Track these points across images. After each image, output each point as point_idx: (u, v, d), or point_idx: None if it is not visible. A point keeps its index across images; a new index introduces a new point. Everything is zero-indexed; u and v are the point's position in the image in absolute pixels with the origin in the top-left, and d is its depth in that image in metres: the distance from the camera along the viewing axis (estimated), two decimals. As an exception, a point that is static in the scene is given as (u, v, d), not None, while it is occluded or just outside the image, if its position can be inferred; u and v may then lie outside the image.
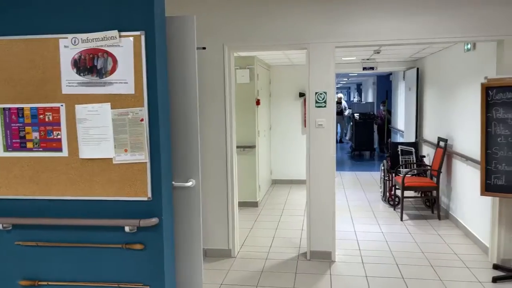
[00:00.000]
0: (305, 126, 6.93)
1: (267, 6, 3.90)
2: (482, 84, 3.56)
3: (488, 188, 3.60)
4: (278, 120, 7.62)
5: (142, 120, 2.12)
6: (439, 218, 5.34)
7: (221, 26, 3.96)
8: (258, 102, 6.13)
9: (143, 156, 2.14)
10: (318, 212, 4.02)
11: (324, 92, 3.95)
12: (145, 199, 2.17)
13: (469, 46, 4.61)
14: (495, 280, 3.48)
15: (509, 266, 3.69)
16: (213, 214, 4.15)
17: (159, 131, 2.14)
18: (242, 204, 5.98)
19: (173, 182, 2.37)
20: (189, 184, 2.38)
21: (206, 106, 4.03)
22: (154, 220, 2.14)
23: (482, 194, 3.64)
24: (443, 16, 3.64)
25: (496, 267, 3.73)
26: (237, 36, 3.96)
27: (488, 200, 3.91)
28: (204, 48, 3.93)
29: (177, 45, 2.35)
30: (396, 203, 5.82)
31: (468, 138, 4.63)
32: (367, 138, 11.14)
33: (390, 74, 10.96)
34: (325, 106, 3.97)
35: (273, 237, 4.77)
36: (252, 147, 6.05)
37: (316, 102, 3.98)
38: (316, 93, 3.96)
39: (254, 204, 6.11)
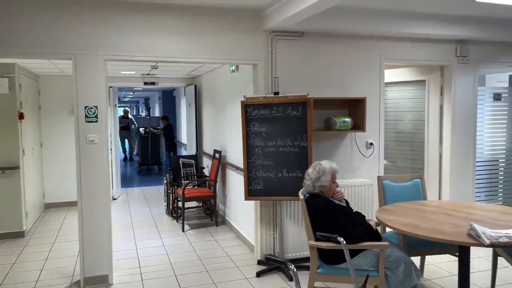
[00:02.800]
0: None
1: (28, 8, 3.45)
2: (242, 102, 4.03)
3: (250, 193, 4.08)
4: (51, 136, 6.84)
5: None
6: (216, 224, 5.76)
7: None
8: (21, 116, 5.35)
9: None
10: (92, 234, 3.75)
11: (95, 106, 3.74)
12: None
13: (233, 67, 5.17)
14: (258, 274, 3.96)
15: (274, 260, 4.26)
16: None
17: None
18: (2, 236, 5.08)
19: None
20: None
21: None
22: None
23: (246, 199, 4.10)
24: (210, 41, 3.96)
25: (260, 262, 4.24)
26: (-18, 39, 3.36)
27: (252, 203, 4.43)
28: None
29: None
30: (179, 215, 5.99)
31: (236, 149, 5.17)
32: (153, 152, 11.19)
33: (174, 89, 11.35)
34: (96, 121, 3.75)
35: (41, 269, 4.20)
36: (15, 168, 5.22)
37: (87, 116, 3.73)
38: (86, 107, 3.71)
39: (20, 234, 5.27)
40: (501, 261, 3.31)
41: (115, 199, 7.58)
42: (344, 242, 2.71)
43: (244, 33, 4.07)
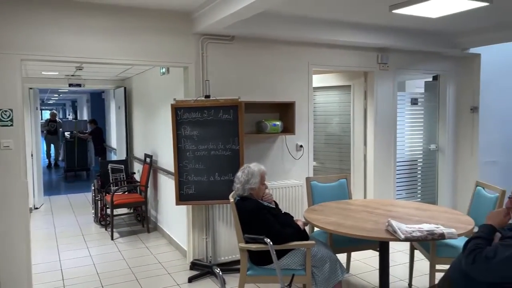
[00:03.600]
0: None
1: None
2: (172, 105, 3.96)
3: (181, 197, 4.02)
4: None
5: None
6: (148, 231, 5.60)
7: None
8: None
9: None
10: (8, 248, 3.46)
11: (10, 109, 3.46)
12: None
13: (164, 70, 5.07)
14: (190, 280, 3.90)
15: (202, 264, 4.22)
16: None
17: None
18: None
19: None
20: None
21: None
22: None
23: (177, 203, 4.03)
24: (138, 42, 3.84)
25: (192, 267, 4.19)
26: None
27: (184, 208, 4.36)
28: None
29: None
30: (108, 222, 5.74)
31: (167, 153, 5.06)
32: (80, 157, 10.61)
33: (103, 92, 10.86)
34: (11, 125, 3.48)
35: None
36: None
37: (0, 120, 3.44)
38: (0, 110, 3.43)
39: None
40: (418, 254, 3.57)
41: (37, 208, 7.07)
42: (271, 243, 2.76)
43: (174, 35, 4.01)
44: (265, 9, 3.69)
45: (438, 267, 3.15)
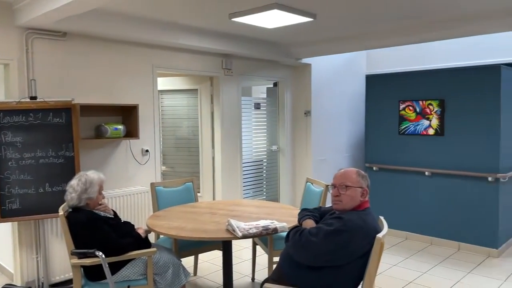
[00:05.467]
0: None
1: None
2: (-12, 107, 3.40)
3: (4, 214, 3.47)
4: None
5: None
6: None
7: None
8: None
9: None
10: None
11: None
12: None
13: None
14: (16, 307, 3.41)
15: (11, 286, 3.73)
16: None
17: None
18: None
19: None
20: None
21: None
22: None
23: (-2, 221, 3.48)
24: None
25: (20, 292, 3.67)
26: None
27: (8, 225, 3.79)
28: None
29: None
30: None
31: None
32: None
33: None
34: None
35: None
36: None
37: None
38: None
39: None
40: (260, 249, 3.78)
41: None
42: (103, 255, 2.58)
43: (-10, 26, 3.46)
44: (101, 6, 3.47)
45: (275, 259, 3.38)
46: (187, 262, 4.18)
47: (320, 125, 6.32)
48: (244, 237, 2.75)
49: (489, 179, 4.51)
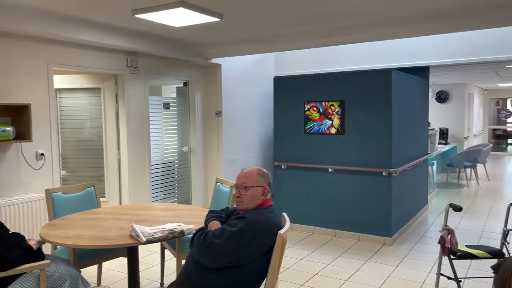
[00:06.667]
0: None
1: None
2: None
3: None
4: None
5: None
6: None
7: None
8: None
9: None
10: None
11: None
12: None
13: None
14: None
15: None
16: None
17: None
18: None
19: None
20: None
21: None
22: None
23: None
24: None
25: None
26: None
27: None
28: None
29: None
30: None
31: None
32: None
33: None
34: None
35: None
36: None
37: None
38: None
39: None
40: (169, 253, 3.69)
41: None
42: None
43: None
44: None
45: (184, 262, 3.32)
46: (91, 272, 3.93)
47: (231, 125, 6.37)
48: (149, 242, 2.65)
49: (383, 174, 4.93)
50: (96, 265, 3.72)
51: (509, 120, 17.11)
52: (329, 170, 5.29)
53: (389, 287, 3.73)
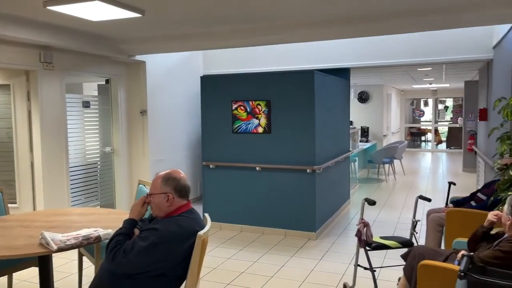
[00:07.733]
0: None
1: None
2: None
3: None
4: None
5: None
6: None
7: None
8: None
9: None
10: None
11: None
12: None
13: None
14: None
15: None
16: None
17: None
18: None
19: None
20: None
21: None
22: None
23: None
24: None
25: None
26: None
27: None
28: None
29: None
30: None
31: None
32: None
33: None
34: None
35: None
36: None
37: None
38: None
39: None
40: (88, 260, 3.49)
41: None
42: None
43: None
44: None
45: (103, 269, 3.16)
46: (1, 283, 3.60)
47: (158, 125, 6.20)
48: (60, 250, 2.48)
49: (308, 171, 5.09)
50: (6, 276, 3.41)
51: (422, 118, 18.64)
52: (257, 168, 5.35)
53: (312, 281, 3.86)
